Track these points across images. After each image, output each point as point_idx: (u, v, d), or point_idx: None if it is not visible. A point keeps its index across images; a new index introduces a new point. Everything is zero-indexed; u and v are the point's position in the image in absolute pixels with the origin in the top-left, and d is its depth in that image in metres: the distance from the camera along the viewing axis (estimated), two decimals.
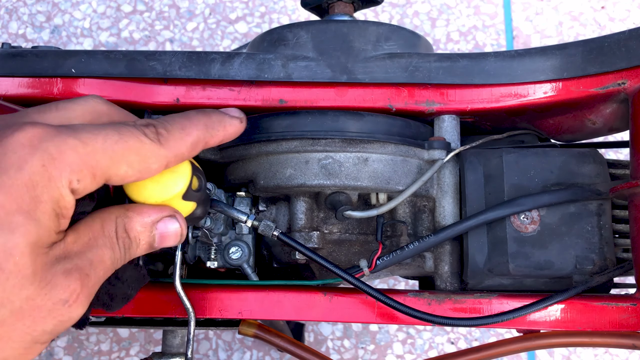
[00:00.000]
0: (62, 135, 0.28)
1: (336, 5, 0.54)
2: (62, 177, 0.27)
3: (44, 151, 0.27)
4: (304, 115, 0.45)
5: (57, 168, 0.27)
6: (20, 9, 1.14)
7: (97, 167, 0.28)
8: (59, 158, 0.27)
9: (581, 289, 0.43)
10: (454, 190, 0.48)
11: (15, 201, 0.26)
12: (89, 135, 0.28)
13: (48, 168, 0.27)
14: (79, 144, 0.28)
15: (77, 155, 0.28)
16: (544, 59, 0.46)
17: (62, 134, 0.28)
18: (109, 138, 0.29)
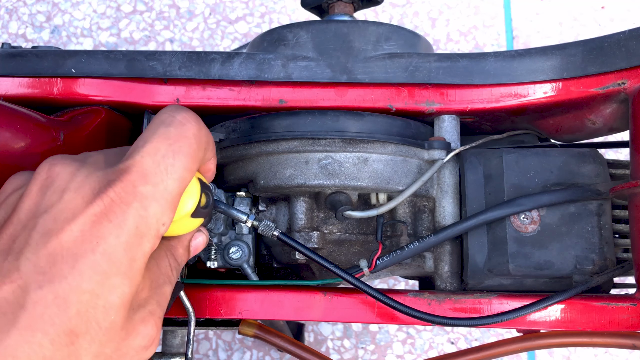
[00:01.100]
0: (138, 187, 0.29)
1: (336, 5, 0.54)
2: (152, 232, 0.30)
3: (134, 214, 0.29)
4: (304, 115, 0.45)
5: (147, 225, 0.29)
6: (20, 9, 1.14)
7: (174, 201, 0.31)
8: (146, 214, 0.29)
9: (581, 289, 0.43)
10: (454, 190, 0.48)
11: (115, 265, 0.28)
12: (152, 168, 0.30)
13: (140, 228, 0.29)
14: (153, 188, 0.29)
15: (157, 203, 0.30)
16: (544, 59, 0.46)
17: (137, 184, 0.29)
18: (158, 150, 0.31)
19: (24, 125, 0.40)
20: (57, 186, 0.29)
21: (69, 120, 0.45)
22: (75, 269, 0.27)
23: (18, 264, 0.27)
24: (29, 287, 0.27)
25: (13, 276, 0.27)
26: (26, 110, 0.41)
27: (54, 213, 0.28)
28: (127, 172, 0.29)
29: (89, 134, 0.45)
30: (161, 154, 0.30)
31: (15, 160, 0.38)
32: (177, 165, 0.30)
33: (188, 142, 0.31)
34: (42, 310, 0.26)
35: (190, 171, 0.31)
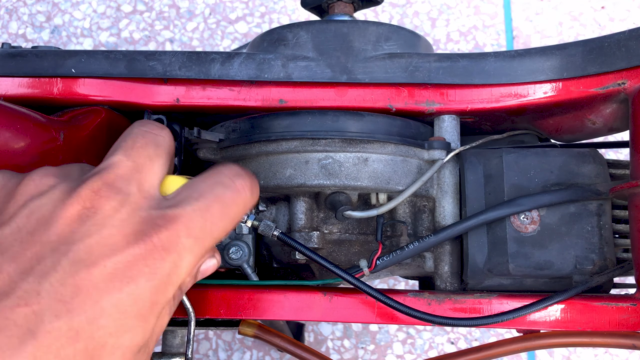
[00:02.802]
0: (181, 238, 0.29)
1: (336, 5, 0.54)
2: (179, 282, 0.29)
3: (170, 263, 0.28)
4: (304, 115, 0.45)
5: (178, 275, 0.29)
6: (20, 9, 1.14)
7: (210, 246, 0.30)
8: (179, 265, 0.29)
9: (581, 289, 0.43)
10: (454, 190, 0.48)
11: (137, 307, 0.27)
12: (198, 222, 0.30)
13: (171, 278, 0.28)
14: (194, 242, 0.29)
15: (192, 257, 0.29)
16: (544, 59, 0.46)
17: (181, 235, 0.29)
18: (209, 209, 0.30)
19: (24, 125, 0.40)
20: (99, 219, 0.28)
21: (69, 120, 0.45)
22: (98, 304, 0.26)
23: (39, 288, 0.26)
24: (44, 314, 0.26)
25: (31, 299, 0.26)
26: (26, 110, 0.41)
27: (90, 244, 0.27)
28: (175, 221, 0.29)
29: (89, 134, 0.45)
30: (211, 215, 0.30)
31: (15, 160, 0.38)
32: (221, 228, 0.30)
33: (237, 209, 0.32)
34: (51, 341, 0.25)
35: (227, 232, 0.32)
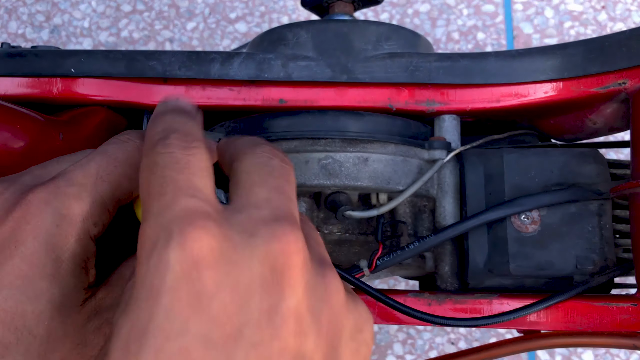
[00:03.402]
0: (61, 188, 0.27)
1: (336, 5, 0.53)
2: (78, 231, 0.27)
3: (53, 213, 0.27)
4: (303, 115, 0.45)
5: (71, 224, 0.27)
6: (20, 8, 1.14)
7: (105, 199, 0.28)
8: (68, 213, 0.27)
9: (582, 289, 0.43)
10: (454, 190, 0.48)
11: (37, 267, 0.26)
12: (80, 172, 0.28)
13: (62, 227, 0.27)
14: (78, 188, 0.27)
15: (83, 202, 0.27)
16: (544, 59, 0.46)
17: (60, 186, 0.27)
18: (99, 164, 0.28)
19: (23, 124, 0.40)
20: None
21: (69, 120, 0.45)
22: None
23: None
24: None
25: None
26: (25, 110, 0.41)
27: None
28: (54, 179, 0.28)
29: (89, 134, 0.45)
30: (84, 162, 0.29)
31: (14, 160, 0.38)
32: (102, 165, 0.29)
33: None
34: None
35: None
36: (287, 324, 0.22)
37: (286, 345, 0.22)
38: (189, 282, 0.22)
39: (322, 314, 0.24)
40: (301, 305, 0.23)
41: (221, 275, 0.22)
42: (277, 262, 0.23)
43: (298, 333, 0.23)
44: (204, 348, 0.21)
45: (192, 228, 0.22)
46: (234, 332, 0.21)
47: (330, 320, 0.24)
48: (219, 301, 0.22)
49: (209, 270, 0.22)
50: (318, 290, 0.24)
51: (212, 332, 0.21)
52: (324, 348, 0.24)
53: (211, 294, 0.22)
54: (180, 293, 0.21)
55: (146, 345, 0.21)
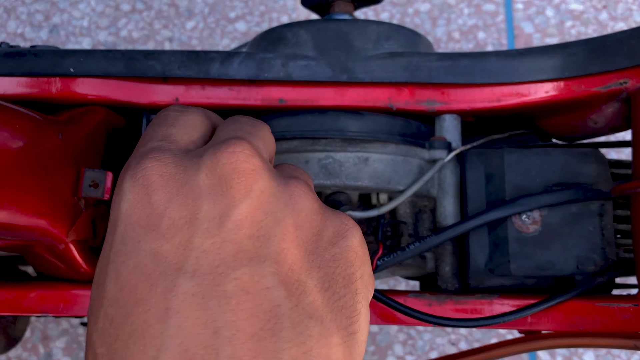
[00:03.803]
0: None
1: (336, 4, 0.53)
2: None
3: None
4: (303, 114, 0.45)
5: None
6: (19, 8, 1.14)
7: None
8: None
9: (583, 289, 0.43)
10: (455, 190, 0.47)
11: None
12: None
13: None
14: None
15: None
16: (545, 58, 0.46)
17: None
18: None
19: (22, 124, 0.40)
20: None
21: (68, 120, 0.45)
22: None
23: None
24: None
25: None
26: (24, 110, 0.41)
27: None
28: None
29: (88, 134, 0.45)
30: None
31: (13, 160, 0.38)
32: None
33: None
34: None
35: None
36: (240, 228, 0.23)
37: (241, 247, 0.23)
38: (140, 206, 0.23)
39: (287, 218, 0.24)
40: (256, 209, 0.24)
41: (170, 195, 0.24)
42: (224, 170, 0.24)
43: (255, 236, 0.23)
44: (155, 262, 0.22)
45: (145, 160, 0.25)
46: (183, 242, 0.23)
47: (298, 225, 0.24)
48: (168, 218, 0.23)
49: (158, 192, 0.24)
50: (280, 196, 0.25)
51: (161, 246, 0.22)
52: (293, 250, 0.24)
53: (160, 213, 0.23)
54: (133, 217, 0.23)
55: (108, 271, 0.23)
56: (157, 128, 0.28)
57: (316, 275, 0.24)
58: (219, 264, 0.22)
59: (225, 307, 0.21)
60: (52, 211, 0.41)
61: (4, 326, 0.85)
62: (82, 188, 0.43)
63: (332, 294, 0.24)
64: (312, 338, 0.22)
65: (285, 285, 0.23)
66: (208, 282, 0.22)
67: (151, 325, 0.21)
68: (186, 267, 0.22)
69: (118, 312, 0.22)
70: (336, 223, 0.26)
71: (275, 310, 0.22)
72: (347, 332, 0.23)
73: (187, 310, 0.21)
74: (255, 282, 0.22)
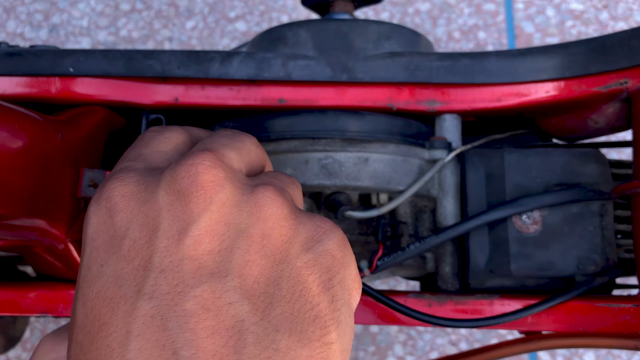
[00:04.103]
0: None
1: (336, 4, 0.53)
2: None
3: None
4: (303, 114, 0.45)
5: None
6: (18, 7, 1.14)
7: None
8: None
9: (583, 289, 0.43)
10: (455, 190, 0.47)
11: None
12: None
13: None
14: None
15: None
16: (545, 58, 0.46)
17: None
18: None
19: (22, 124, 0.39)
20: None
21: (67, 120, 0.45)
22: None
23: None
24: None
25: None
26: (24, 110, 0.41)
27: None
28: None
29: (87, 134, 0.45)
30: None
31: (12, 160, 0.38)
32: None
33: None
34: None
35: None
36: (200, 244, 0.22)
37: (201, 264, 0.22)
38: (103, 229, 0.23)
39: (251, 228, 0.23)
40: (217, 222, 0.23)
41: (130, 215, 0.23)
42: (182, 184, 0.23)
43: (216, 251, 0.22)
44: (116, 285, 0.22)
45: (108, 182, 0.24)
46: (143, 263, 0.22)
47: (265, 234, 0.23)
48: (129, 239, 0.23)
49: (120, 214, 0.23)
50: (243, 206, 0.24)
51: (122, 269, 0.22)
52: (259, 261, 0.23)
53: (122, 235, 0.23)
54: (97, 241, 0.23)
55: (77, 297, 0.23)
56: (131, 150, 0.27)
57: (285, 285, 0.23)
58: (177, 282, 0.22)
59: (184, 326, 0.21)
60: (52, 211, 0.41)
61: (4, 326, 0.85)
62: (81, 188, 0.43)
63: (304, 304, 0.23)
64: (279, 352, 0.21)
65: (250, 299, 0.22)
66: (167, 302, 0.21)
67: (113, 350, 0.21)
68: (145, 289, 0.21)
69: (85, 338, 0.22)
70: (309, 227, 0.24)
71: (239, 326, 0.21)
72: (321, 342, 0.22)
73: (147, 333, 0.21)
74: (217, 298, 0.21)
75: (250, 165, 0.28)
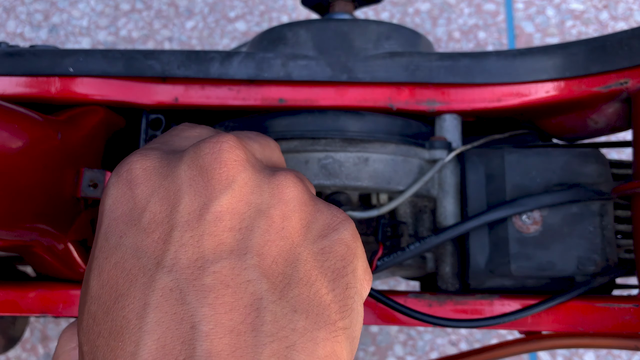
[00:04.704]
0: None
1: (336, 4, 0.53)
2: None
3: None
4: (303, 114, 0.45)
5: None
6: (18, 7, 1.14)
7: None
8: None
9: (583, 290, 0.43)
10: (455, 191, 0.47)
11: None
12: None
13: None
14: None
15: None
16: (545, 58, 0.46)
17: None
18: None
19: (22, 124, 0.39)
20: None
21: (67, 120, 0.45)
22: None
23: None
24: None
25: None
26: (23, 110, 0.41)
27: None
28: None
29: (87, 134, 0.45)
30: None
31: (12, 160, 0.38)
32: None
33: None
34: None
35: None
36: (221, 221, 0.23)
37: (221, 240, 0.22)
38: (123, 201, 0.23)
39: (272, 209, 0.23)
40: (238, 201, 0.23)
41: (152, 188, 0.23)
42: (205, 160, 0.23)
43: (237, 228, 0.23)
44: (135, 257, 0.22)
45: (131, 156, 0.24)
46: (163, 236, 0.22)
47: (285, 216, 0.24)
48: (149, 212, 0.23)
49: (141, 186, 0.23)
50: (265, 188, 0.24)
51: (142, 241, 0.22)
52: (278, 242, 0.23)
53: (142, 207, 0.23)
54: (116, 213, 0.23)
55: (92, 268, 0.23)
56: (159, 137, 0.28)
57: (302, 268, 0.23)
58: (197, 257, 0.22)
59: (203, 301, 0.21)
60: (51, 211, 0.40)
61: (4, 326, 0.85)
62: (81, 188, 0.43)
63: (320, 288, 0.23)
64: (296, 332, 0.21)
65: (268, 278, 0.22)
66: (186, 276, 0.21)
67: (130, 321, 0.21)
68: (164, 262, 0.21)
69: (100, 308, 0.22)
70: (327, 215, 0.25)
71: (257, 304, 0.21)
72: (336, 327, 0.22)
73: (165, 306, 0.21)
74: (236, 275, 0.21)
75: (272, 162, 0.28)
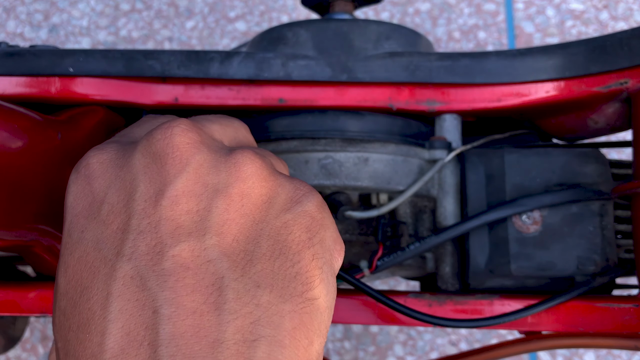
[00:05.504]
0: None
1: (336, 4, 0.53)
2: None
3: None
4: (303, 114, 0.44)
5: None
6: (18, 7, 1.14)
7: None
8: None
9: (583, 290, 0.43)
10: (455, 191, 0.47)
11: None
12: None
13: None
14: None
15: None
16: (545, 58, 0.46)
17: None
18: None
19: (21, 124, 0.39)
20: None
21: (67, 120, 0.45)
22: None
23: None
24: None
25: None
26: (23, 110, 0.41)
27: None
28: None
29: (87, 134, 0.45)
30: None
31: (12, 160, 0.38)
32: None
33: None
34: None
35: None
36: (177, 204, 0.23)
37: (179, 223, 0.22)
38: (82, 196, 0.24)
39: (230, 187, 0.24)
40: (194, 183, 0.23)
41: (108, 180, 0.24)
42: (158, 146, 0.23)
43: (194, 211, 0.23)
44: (96, 250, 0.22)
45: (89, 153, 0.25)
46: (121, 226, 0.22)
47: (244, 193, 0.24)
48: (107, 203, 0.23)
49: (98, 180, 0.24)
50: (222, 167, 0.24)
51: (102, 233, 0.23)
52: (238, 220, 0.23)
53: (100, 200, 0.23)
54: (77, 208, 0.24)
55: (59, 265, 0.23)
56: (122, 130, 0.28)
57: (265, 244, 0.23)
58: (155, 242, 0.22)
59: (163, 285, 0.21)
60: (51, 211, 0.41)
61: (4, 326, 0.85)
62: None
63: (284, 261, 0.23)
64: (260, 307, 0.21)
65: (229, 256, 0.22)
66: (145, 262, 0.21)
67: (94, 313, 0.21)
68: (124, 251, 0.22)
69: (68, 303, 0.22)
70: (289, 189, 0.25)
71: (219, 283, 0.21)
72: (303, 298, 0.22)
73: (127, 293, 0.21)
74: (195, 256, 0.22)
75: (238, 141, 0.28)
